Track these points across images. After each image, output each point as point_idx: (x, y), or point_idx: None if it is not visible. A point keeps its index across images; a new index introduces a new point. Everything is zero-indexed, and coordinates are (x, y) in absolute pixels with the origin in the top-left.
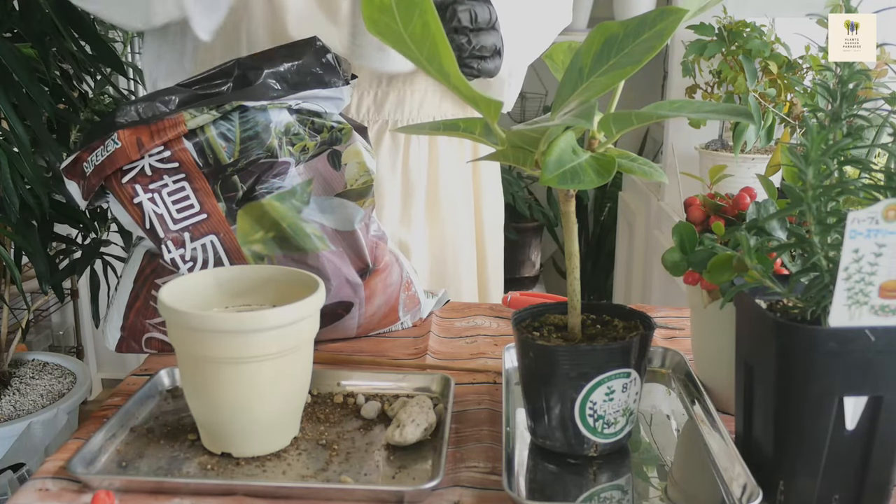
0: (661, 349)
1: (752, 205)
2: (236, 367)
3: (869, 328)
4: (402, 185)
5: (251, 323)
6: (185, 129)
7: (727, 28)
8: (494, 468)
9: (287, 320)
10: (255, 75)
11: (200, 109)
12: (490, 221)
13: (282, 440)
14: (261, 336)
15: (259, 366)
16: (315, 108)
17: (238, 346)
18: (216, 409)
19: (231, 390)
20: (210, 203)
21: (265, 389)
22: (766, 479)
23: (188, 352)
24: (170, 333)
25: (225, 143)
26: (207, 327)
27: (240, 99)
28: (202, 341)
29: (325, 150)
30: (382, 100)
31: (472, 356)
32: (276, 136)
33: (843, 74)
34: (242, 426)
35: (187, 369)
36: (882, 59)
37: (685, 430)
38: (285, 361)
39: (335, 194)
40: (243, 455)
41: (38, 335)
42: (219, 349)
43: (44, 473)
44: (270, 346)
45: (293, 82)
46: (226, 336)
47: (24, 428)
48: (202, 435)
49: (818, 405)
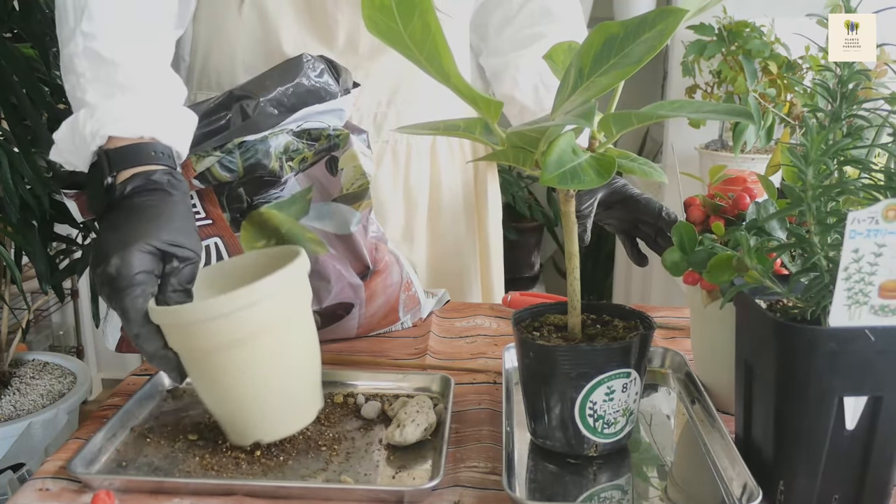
0: (661, 349)
1: (752, 205)
2: (235, 350)
3: (869, 328)
4: (404, 204)
5: (236, 300)
6: (193, 172)
7: (727, 28)
8: (494, 468)
9: (272, 291)
10: (252, 106)
11: (206, 152)
12: (491, 224)
13: (306, 415)
14: (248, 312)
15: (256, 343)
16: (317, 125)
17: (230, 327)
18: (230, 398)
19: (237, 374)
20: (215, 212)
21: (271, 366)
22: (766, 479)
23: (188, 349)
24: (169, 339)
25: (228, 174)
26: (197, 317)
27: (241, 135)
28: (197, 334)
29: (324, 157)
30: (381, 121)
31: (472, 356)
32: (276, 158)
33: (843, 74)
34: (261, 409)
35: (193, 369)
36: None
37: (685, 430)
38: (283, 333)
39: (331, 199)
40: (274, 438)
41: (39, 335)
42: (213, 336)
43: (44, 473)
44: (262, 321)
45: (290, 105)
46: (216, 321)
47: (24, 428)
48: (228, 434)
49: (818, 405)
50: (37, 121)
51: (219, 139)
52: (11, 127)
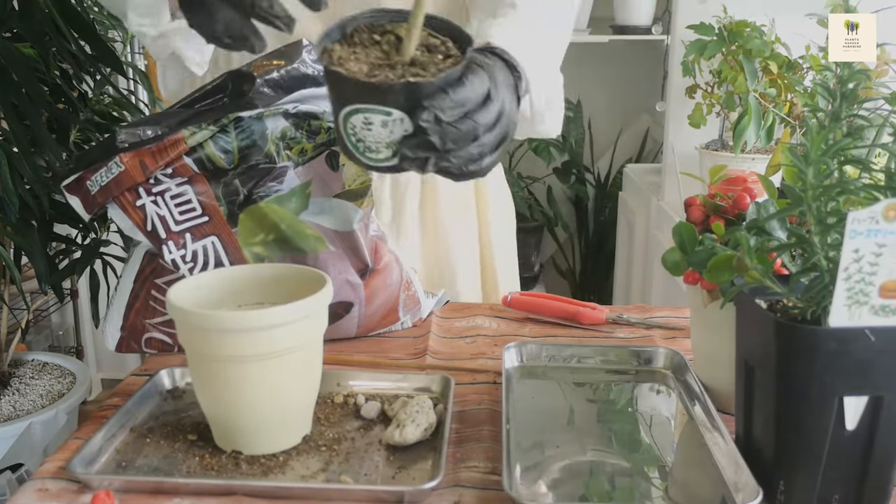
0: (662, 349)
1: (752, 205)
2: (244, 365)
3: (869, 328)
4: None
5: (257, 320)
6: (185, 147)
7: (727, 28)
8: (494, 468)
9: (294, 317)
10: (249, 85)
11: (199, 126)
12: (494, 221)
13: (293, 438)
14: (268, 333)
15: (267, 363)
16: (313, 108)
17: (245, 343)
18: (225, 406)
19: (240, 388)
20: (212, 206)
21: (274, 387)
22: (766, 479)
23: (197, 351)
24: (179, 333)
25: (224, 154)
26: (214, 326)
27: (236, 110)
28: (210, 340)
29: (324, 152)
30: None
31: (472, 356)
32: (272, 142)
33: (843, 74)
34: (253, 424)
35: (196, 368)
36: (882, 59)
37: (685, 431)
38: (294, 359)
39: (333, 195)
40: (254, 453)
41: (38, 335)
42: (226, 347)
43: (43, 473)
44: (278, 344)
45: (287, 86)
46: (232, 334)
47: (24, 428)
48: (214, 433)
49: (818, 405)
50: (37, 121)
51: (214, 114)
52: (11, 127)
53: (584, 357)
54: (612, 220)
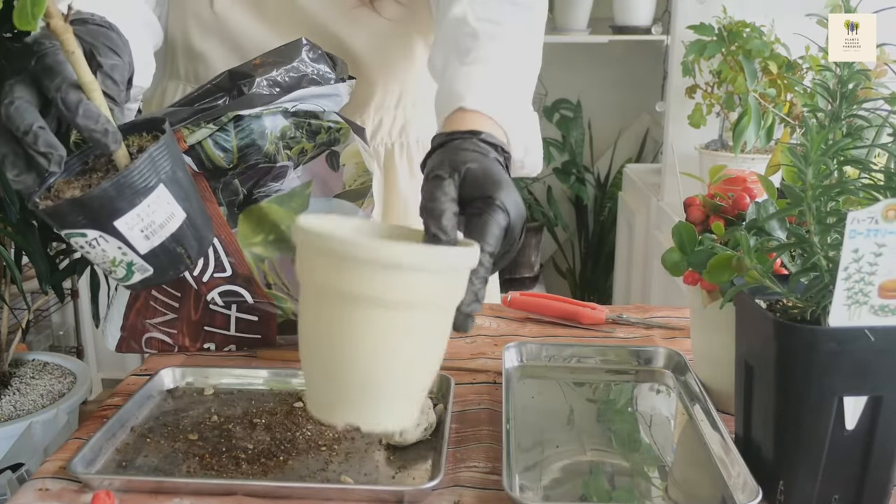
0: (661, 349)
1: (752, 205)
2: (393, 312)
3: (869, 328)
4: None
5: (429, 257)
6: (184, 145)
7: (727, 28)
8: (494, 468)
9: (457, 264)
10: (249, 84)
11: (198, 124)
12: None
13: (407, 417)
14: (424, 277)
15: (414, 315)
16: (312, 108)
17: (401, 285)
18: (348, 363)
19: (373, 340)
20: (211, 207)
21: (418, 346)
22: (766, 479)
23: (333, 288)
24: (304, 268)
25: (223, 153)
26: (369, 257)
27: (235, 109)
28: (359, 276)
29: (324, 152)
30: None
31: (472, 356)
32: (272, 141)
33: (842, 74)
34: (379, 387)
35: (324, 312)
36: (882, 59)
37: (685, 430)
38: (443, 321)
39: (333, 195)
40: (373, 429)
41: (39, 335)
42: (377, 287)
43: (44, 473)
44: (435, 293)
45: (287, 85)
46: (388, 271)
47: (25, 428)
48: (316, 399)
49: (818, 405)
50: None
51: (212, 112)
52: None
53: (583, 357)
54: (611, 220)
